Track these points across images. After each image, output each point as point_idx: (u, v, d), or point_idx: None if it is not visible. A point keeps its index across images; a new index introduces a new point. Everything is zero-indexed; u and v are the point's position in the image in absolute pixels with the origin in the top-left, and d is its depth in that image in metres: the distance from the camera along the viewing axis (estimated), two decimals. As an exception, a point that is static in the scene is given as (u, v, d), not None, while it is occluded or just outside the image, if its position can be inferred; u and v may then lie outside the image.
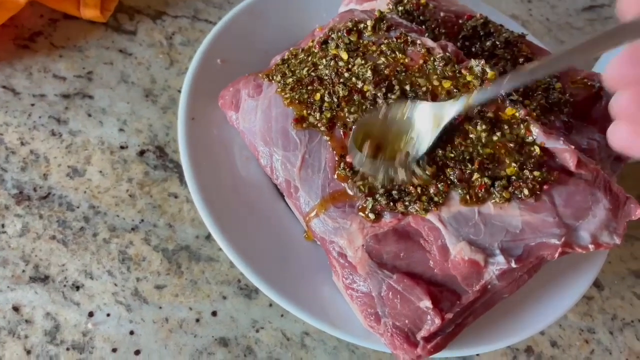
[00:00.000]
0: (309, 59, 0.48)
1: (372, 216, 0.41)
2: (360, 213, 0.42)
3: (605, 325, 0.54)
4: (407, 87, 0.45)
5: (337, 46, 0.47)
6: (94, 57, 0.61)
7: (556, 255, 0.41)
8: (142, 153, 0.56)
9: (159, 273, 0.50)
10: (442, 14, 0.55)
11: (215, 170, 0.49)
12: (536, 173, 0.41)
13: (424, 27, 0.53)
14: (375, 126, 0.43)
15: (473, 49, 0.54)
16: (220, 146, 0.50)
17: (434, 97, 0.45)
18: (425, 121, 0.43)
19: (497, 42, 0.54)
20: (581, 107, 0.51)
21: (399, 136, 0.43)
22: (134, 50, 0.63)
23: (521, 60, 0.53)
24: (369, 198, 0.42)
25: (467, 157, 0.43)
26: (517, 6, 0.81)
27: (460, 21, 0.55)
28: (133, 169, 0.55)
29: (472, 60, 0.46)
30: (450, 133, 0.43)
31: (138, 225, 0.52)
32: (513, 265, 0.40)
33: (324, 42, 0.48)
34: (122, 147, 0.56)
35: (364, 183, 0.42)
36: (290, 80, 0.47)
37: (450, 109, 0.42)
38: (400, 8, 0.55)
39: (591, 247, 0.42)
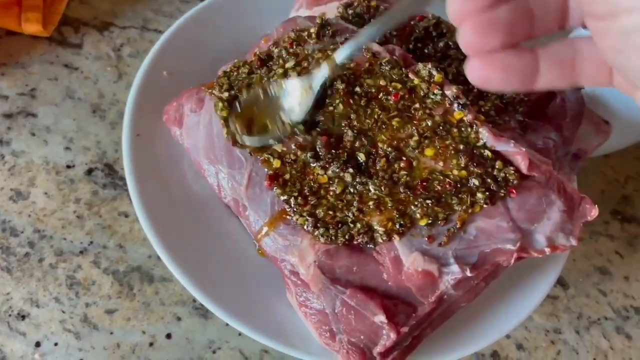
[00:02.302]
0: (252, 75, 0.46)
1: (322, 239, 0.40)
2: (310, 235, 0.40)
3: (572, 325, 0.54)
4: (358, 89, 0.44)
5: (283, 62, 0.46)
6: (38, 73, 0.59)
7: (512, 261, 0.40)
8: (90, 172, 0.54)
9: (109, 297, 0.48)
10: (393, 15, 0.54)
11: (163, 188, 0.47)
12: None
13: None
14: (255, 104, 0.44)
15: (426, 51, 0.53)
16: (168, 163, 0.48)
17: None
18: (297, 93, 0.43)
19: (450, 43, 0.53)
20: (536, 106, 0.50)
21: (274, 110, 0.44)
22: (79, 64, 0.60)
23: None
24: (315, 230, 0.40)
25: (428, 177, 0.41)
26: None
27: (412, 22, 0.54)
28: (81, 188, 0.53)
29: (420, 64, 0.44)
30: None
31: (87, 248, 0.50)
32: (468, 273, 0.39)
33: (267, 58, 0.47)
34: (68, 167, 0.54)
35: (302, 216, 0.41)
36: (226, 95, 0.45)
37: (317, 77, 0.43)
38: (350, 11, 0.54)
39: (547, 250, 0.41)
